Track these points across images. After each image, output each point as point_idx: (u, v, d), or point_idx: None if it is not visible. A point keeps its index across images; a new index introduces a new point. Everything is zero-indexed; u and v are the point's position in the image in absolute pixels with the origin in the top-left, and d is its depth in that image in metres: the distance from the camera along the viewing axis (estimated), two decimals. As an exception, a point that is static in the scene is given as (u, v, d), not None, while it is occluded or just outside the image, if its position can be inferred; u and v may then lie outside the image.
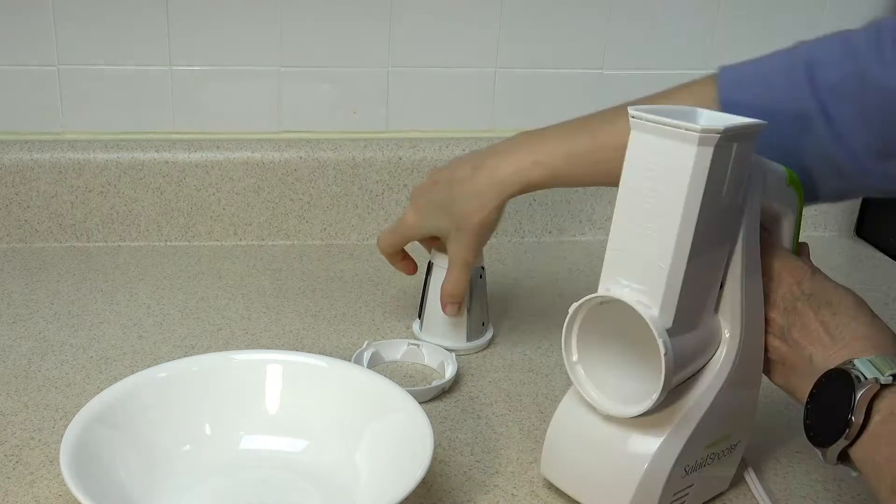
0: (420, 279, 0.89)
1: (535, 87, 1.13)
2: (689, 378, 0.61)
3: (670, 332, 0.57)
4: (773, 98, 0.68)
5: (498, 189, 0.77)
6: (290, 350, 0.77)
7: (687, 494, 0.63)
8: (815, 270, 0.63)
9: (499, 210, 0.79)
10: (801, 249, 0.68)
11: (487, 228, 0.80)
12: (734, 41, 1.14)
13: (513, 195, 0.78)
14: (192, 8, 1.04)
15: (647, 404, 0.58)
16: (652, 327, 0.56)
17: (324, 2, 1.06)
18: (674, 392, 0.60)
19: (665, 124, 0.55)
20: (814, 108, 0.66)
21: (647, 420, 0.60)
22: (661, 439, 0.60)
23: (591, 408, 0.62)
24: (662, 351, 0.56)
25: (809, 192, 0.69)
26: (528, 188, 0.77)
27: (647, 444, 0.60)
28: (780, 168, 0.63)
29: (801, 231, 0.68)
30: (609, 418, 0.61)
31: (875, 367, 0.55)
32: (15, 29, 1.03)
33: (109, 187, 1.07)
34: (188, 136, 1.09)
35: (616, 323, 0.60)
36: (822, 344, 0.60)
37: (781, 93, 0.68)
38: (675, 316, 0.57)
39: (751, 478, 0.70)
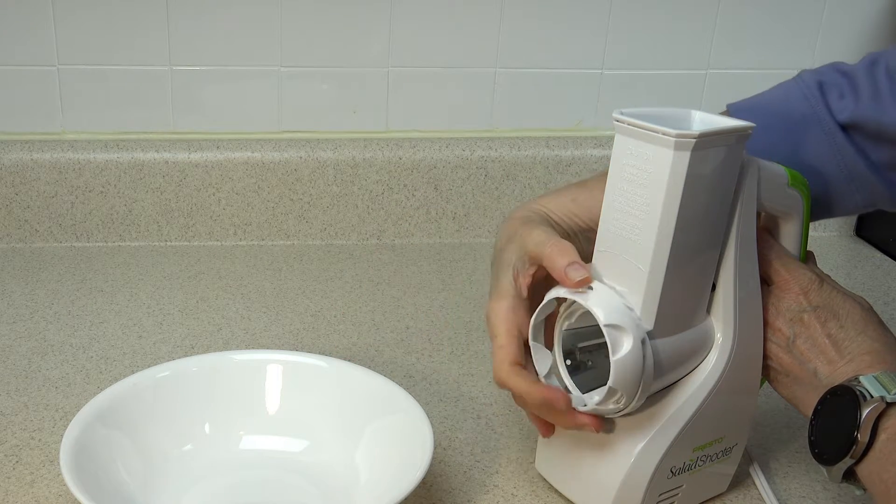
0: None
1: (535, 87, 1.13)
2: (678, 379, 0.61)
3: (652, 335, 0.57)
4: (788, 115, 0.67)
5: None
6: (290, 350, 0.77)
7: (676, 495, 0.63)
8: (824, 280, 0.62)
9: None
10: (807, 258, 0.66)
11: None
12: (734, 41, 1.14)
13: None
14: (192, 8, 1.04)
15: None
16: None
17: (324, 2, 1.06)
18: (662, 393, 0.60)
19: (643, 128, 0.54)
20: (833, 125, 0.67)
21: (633, 420, 0.60)
22: (646, 440, 0.60)
23: None
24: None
25: (827, 207, 0.69)
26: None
27: (631, 444, 0.60)
28: (781, 169, 0.62)
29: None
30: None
31: (881, 385, 0.55)
32: (15, 29, 1.03)
33: (109, 187, 1.07)
34: (188, 136, 1.09)
35: None
36: (828, 358, 0.59)
37: (799, 106, 0.68)
38: (658, 318, 0.57)
39: (759, 479, 0.70)
